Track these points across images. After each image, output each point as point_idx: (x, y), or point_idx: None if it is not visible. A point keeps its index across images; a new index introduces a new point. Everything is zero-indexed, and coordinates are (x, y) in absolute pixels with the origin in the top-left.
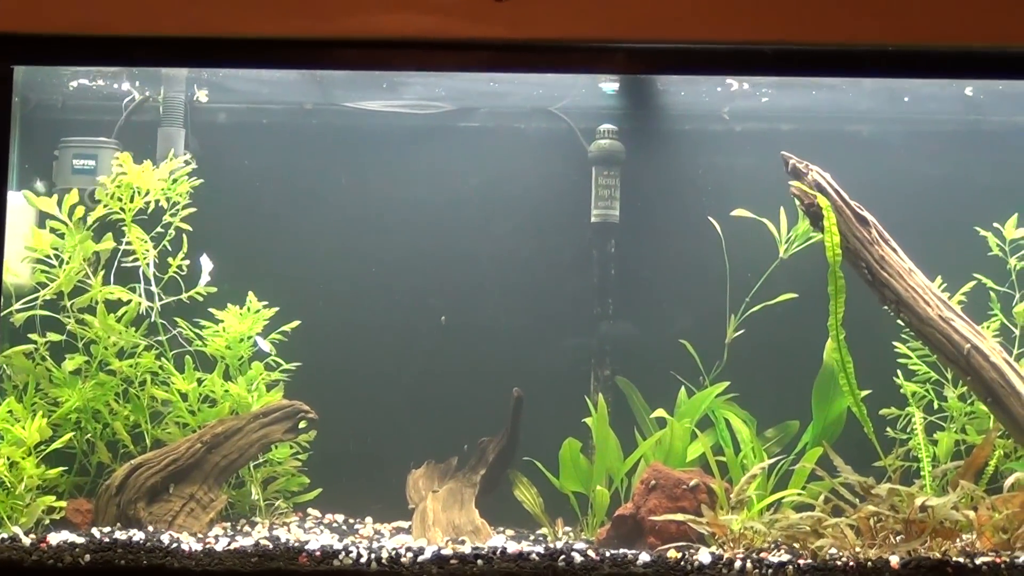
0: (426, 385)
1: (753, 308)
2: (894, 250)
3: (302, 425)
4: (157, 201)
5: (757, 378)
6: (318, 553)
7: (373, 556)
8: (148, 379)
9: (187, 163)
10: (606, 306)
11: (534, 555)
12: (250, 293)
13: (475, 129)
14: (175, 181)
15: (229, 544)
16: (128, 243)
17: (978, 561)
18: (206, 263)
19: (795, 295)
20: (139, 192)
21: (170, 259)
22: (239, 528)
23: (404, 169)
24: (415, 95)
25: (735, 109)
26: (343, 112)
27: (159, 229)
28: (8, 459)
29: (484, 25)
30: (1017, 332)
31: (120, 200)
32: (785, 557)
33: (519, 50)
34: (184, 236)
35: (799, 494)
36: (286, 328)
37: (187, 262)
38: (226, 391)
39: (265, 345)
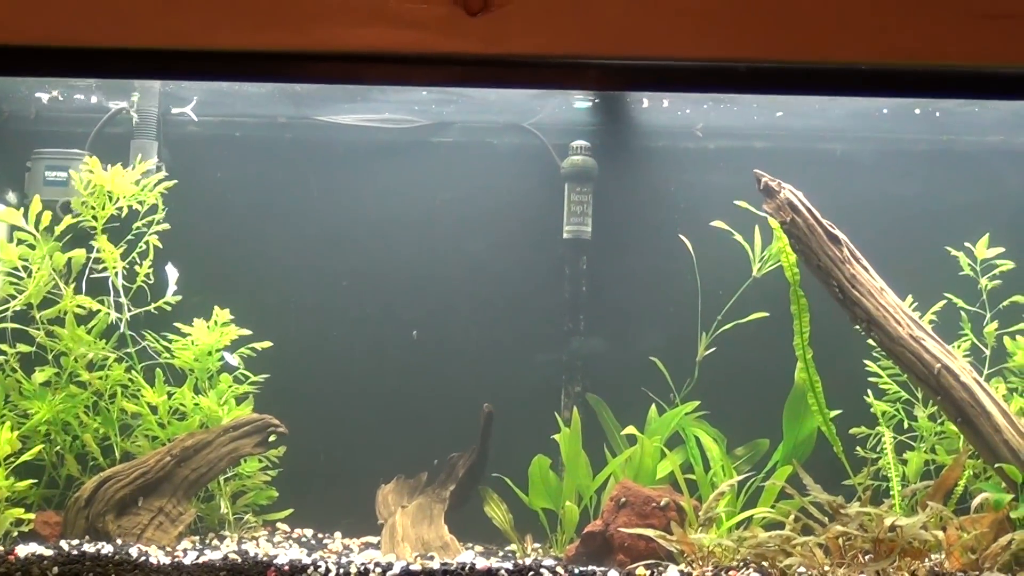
0: (397, 400)
1: (725, 326)
2: (865, 269)
3: (272, 439)
4: (130, 207)
5: (728, 396)
6: (287, 567)
7: (342, 571)
8: (118, 391)
9: (159, 168)
10: (577, 322)
11: (503, 571)
12: (215, 307)
13: (448, 144)
14: (145, 187)
15: (198, 558)
16: (99, 251)
17: None
18: (172, 272)
19: (766, 314)
20: (110, 198)
21: (138, 267)
22: (208, 542)
23: (377, 184)
24: (388, 109)
25: (708, 126)
26: (316, 126)
27: (130, 237)
28: None
29: (458, 40)
30: (988, 352)
31: (92, 208)
32: (754, 575)
33: (493, 65)
34: (154, 248)
35: (769, 512)
36: (257, 346)
37: (152, 270)
38: (196, 404)
39: (233, 359)
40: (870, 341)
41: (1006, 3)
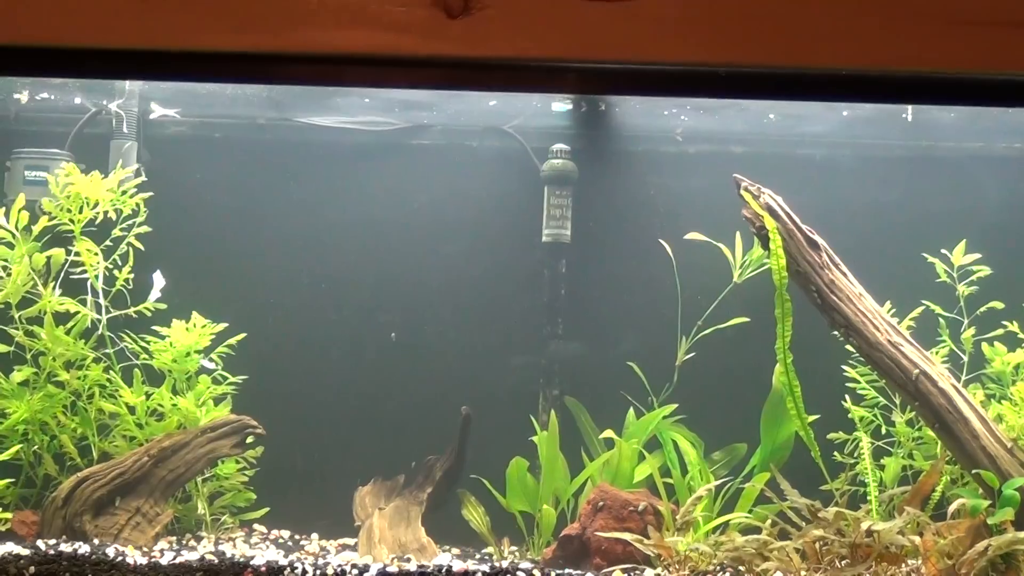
0: (374, 402)
1: (704, 331)
2: (844, 274)
3: (249, 440)
4: (106, 213)
5: (706, 400)
6: (263, 569)
7: (319, 572)
8: (96, 392)
9: (138, 173)
10: (556, 326)
11: (479, 574)
12: (194, 312)
13: (427, 147)
14: (124, 192)
15: (174, 558)
16: (77, 254)
17: None
18: (158, 279)
19: (747, 319)
20: (88, 203)
21: (117, 273)
22: (185, 542)
23: (356, 186)
24: (368, 111)
25: (688, 131)
26: (296, 128)
27: (108, 243)
28: None
29: (437, 42)
30: (965, 358)
31: (69, 212)
32: None
33: (472, 68)
34: (132, 250)
35: (746, 517)
36: (232, 341)
37: (132, 276)
38: (174, 405)
39: (210, 364)
40: (848, 347)
41: (986, 10)
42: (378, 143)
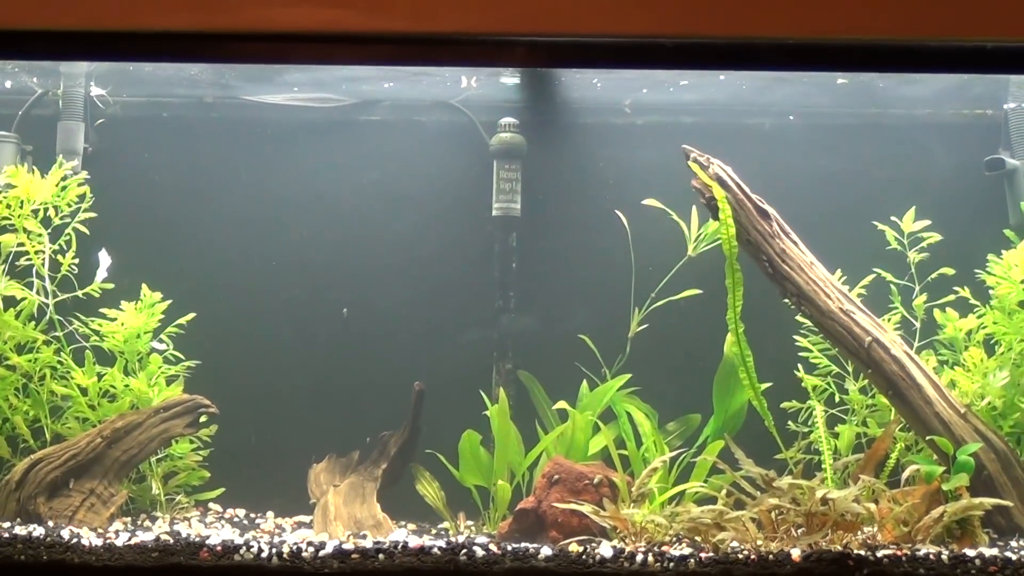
0: (328, 379)
1: (656, 303)
2: (795, 243)
3: (203, 420)
4: (55, 206)
5: (659, 372)
6: (219, 548)
7: (274, 551)
8: (48, 374)
9: (77, 167)
10: (508, 300)
11: (436, 549)
12: (144, 286)
13: (375, 123)
14: (64, 188)
15: (130, 539)
16: (21, 244)
17: (879, 553)
18: (104, 258)
19: (699, 291)
20: (28, 201)
21: (60, 257)
22: (140, 523)
23: (304, 163)
24: (315, 88)
25: (637, 102)
26: (243, 105)
27: (54, 227)
28: None
29: (383, 18)
30: (918, 325)
31: (10, 208)
32: (687, 550)
33: (419, 43)
34: (79, 233)
35: (701, 487)
36: (182, 321)
37: (78, 260)
38: (126, 386)
39: (160, 346)
40: (800, 316)
41: None
42: (326, 120)
